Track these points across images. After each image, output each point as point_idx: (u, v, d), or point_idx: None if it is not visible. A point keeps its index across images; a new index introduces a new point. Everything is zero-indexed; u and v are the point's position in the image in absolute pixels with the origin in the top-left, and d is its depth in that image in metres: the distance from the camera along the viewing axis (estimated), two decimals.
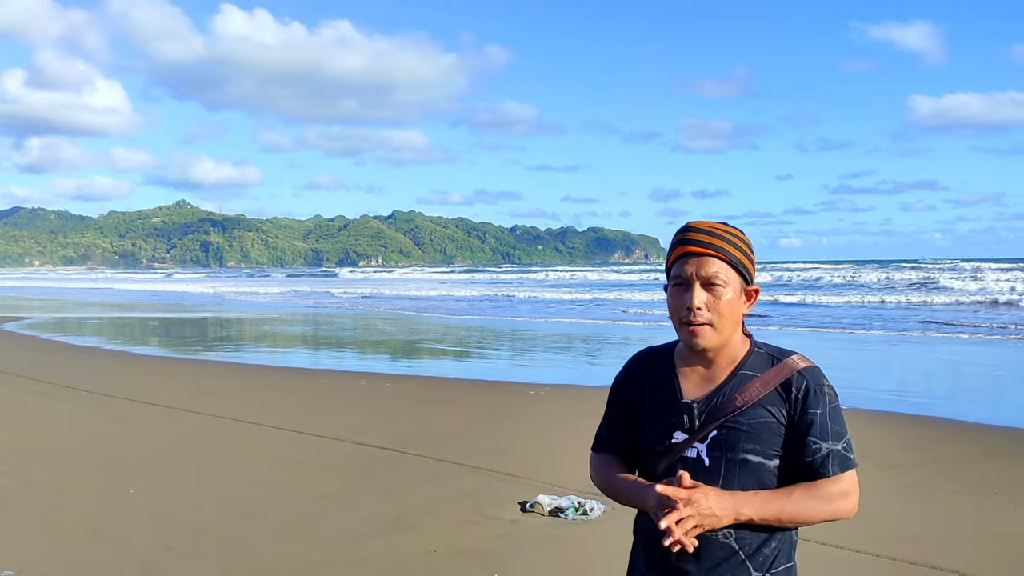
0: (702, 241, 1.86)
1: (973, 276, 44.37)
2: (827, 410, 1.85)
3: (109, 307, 36.88)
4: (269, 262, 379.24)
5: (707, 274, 1.85)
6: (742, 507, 1.78)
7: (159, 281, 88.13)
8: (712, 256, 1.85)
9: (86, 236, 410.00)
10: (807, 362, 1.88)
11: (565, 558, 4.98)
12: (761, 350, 1.93)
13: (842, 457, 1.86)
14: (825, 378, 1.88)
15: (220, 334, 23.76)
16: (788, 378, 1.85)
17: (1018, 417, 9.36)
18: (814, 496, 1.83)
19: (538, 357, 17.00)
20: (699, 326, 1.86)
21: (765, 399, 1.85)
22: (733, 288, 1.86)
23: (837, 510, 1.85)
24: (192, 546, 5.11)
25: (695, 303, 1.84)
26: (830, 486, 1.84)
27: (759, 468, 1.84)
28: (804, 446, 1.84)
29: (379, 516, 5.68)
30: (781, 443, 1.85)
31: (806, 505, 1.82)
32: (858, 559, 4.84)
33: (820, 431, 1.84)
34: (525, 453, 7.51)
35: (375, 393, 11.20)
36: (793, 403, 1.85)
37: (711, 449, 1.85)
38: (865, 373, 13.67)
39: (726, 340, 1.89)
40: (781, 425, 1.85)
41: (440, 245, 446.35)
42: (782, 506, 1.81)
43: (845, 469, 1.86)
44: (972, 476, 6.78)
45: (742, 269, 1.87)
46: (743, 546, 1.83)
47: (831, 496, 1.84)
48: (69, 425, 8.93)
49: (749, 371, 1.88)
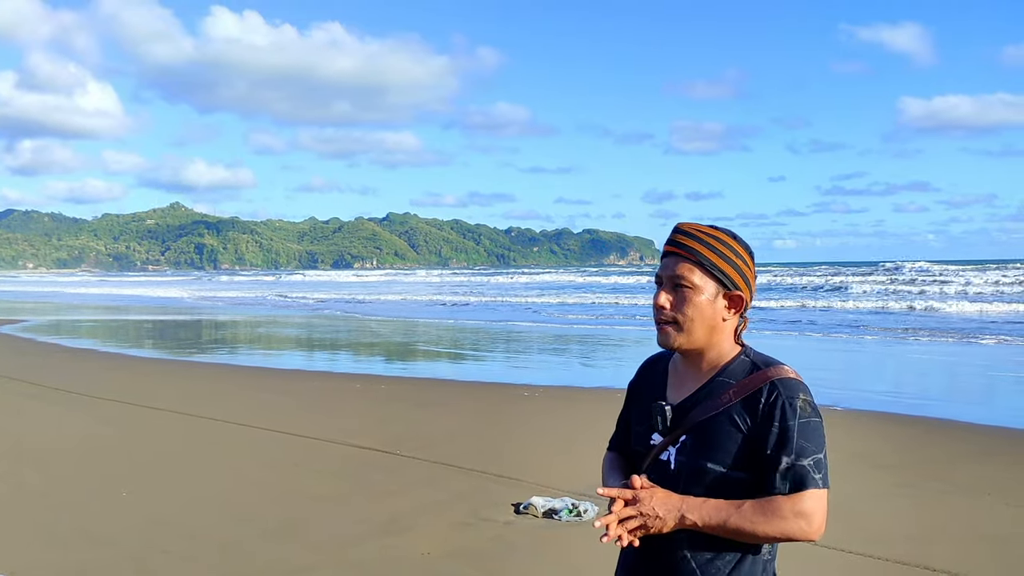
0: (679, 242, 1.87)
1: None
2: (796, 423, 1.75)
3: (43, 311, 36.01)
4: (263, 264, 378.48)
5: (673, 275, 1.86)
6: (687, 511, 1.75)
7: (119, 284, 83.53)
8: (683, 258, 1.85)
9: (80, 239, 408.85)
10: (788, 374, 1.80)
11: (559, 560, 4.98)
12: (747, 358, 1.87)
13: (802, 475, 1.73)
14: (804, 392, 1.78)
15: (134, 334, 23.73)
16: (760, 387, 1.78)
17: (1011, 418, 9.40)
18: (764, 512, 1.73)
19: (532, 359, 17.01)
20: (662, 324, 1.87)
21: (734, 407, 1.79)
22: (706, 292, 1.83)
23: (789, 530, 1.73)
24: (186, 549, 5.10)
25: (658, 301, 1.87)
26: (784, 503, 1.72)
27: (720, 478, 1.78)
28: (762, 459, 1.75)
29: (373, 518, 5.68)
30: (744, 455, 1.77)
31: (753, 520, 1.72)
32: (850, 560, 4.85)
33: (782, 444, 1.74)
34: (519, 455, 7.52)
35: (369, 395, 11.20)
36: (760, 413, 1.77)
37: (679, 454, 1.84)
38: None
39: (697, 342, 1.86)
40: (742, 435, 1.78)
41: (435, 247, 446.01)
42: (728, 516, 1.74)
43: (804, 488, 1.72)
44: (964, 477, 6.81)
45: (717, 273, 1.84)
46: (701, 565, 1.80)
47: (783, 514, 1.72)
48: (61, 428, 8.91)
49: (726, 378, 1.84)
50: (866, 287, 40.55)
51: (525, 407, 10.14)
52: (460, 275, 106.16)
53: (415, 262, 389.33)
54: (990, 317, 25.61)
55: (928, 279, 44.00)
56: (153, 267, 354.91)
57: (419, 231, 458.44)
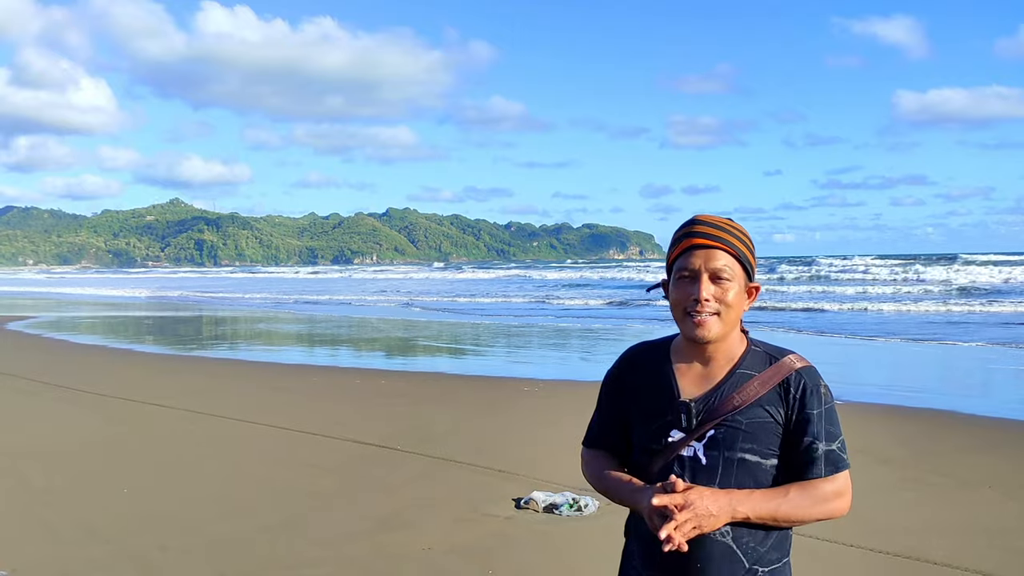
0: (710, 234, 1.87)
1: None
2: (823, 410, 1.87)
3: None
4: (263, 260, 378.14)
5: (715, 267, 1.86)
6: (738, 505, 1.79)
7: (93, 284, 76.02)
8: (719, 249, 1.86)
9: (80, 235, 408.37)
10: (804, 362, 1.89)
11: (560, 554, 4.98)
12: (758, 348, 1.93)
13: (837, 457, 1.87)
14: (821, 379, 1.90)
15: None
16: (786, 377, 1.87)
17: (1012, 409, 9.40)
18: (809, 496, 1.84)
19: (533, 353, 17.00)
20: (706, 317, 1.86)
21: (763, 398, 1.86)
22: (738, 282, 1.88)
23: (831, 510, 1.87)
24: (186, 545, 5.10)
25: (703, 295, 1.84)
26: (825, 486, 1.85)
27: (756, 467, 1.85)
28: (800, 446, 1.86)
29: (373, 514, 5.68)
30: (778, 443, 1.87)
31: (801, 504, 1.83)
32: (851, 553, 4.85)
33: (816, 431, 1.86)
34: (519, 450, 7.52)
35: (369, 390, 11.20)
36: (791, 403, 1.86)
37: (708, 448, 1.85)
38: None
39: (728, 334, 1.90)
40: (778, 425, 1.86)
41: (435, 242, 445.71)
42: (777, 505, 1.81)
43: (840, 469, 1.87)
44: (965, 470, 6.81)
45: (747, 264, 1.89)
46: (740, 544, 1.83)
47: (826, 496, 1.85)
48: (61, 425, 8.91)
49: (747, 370, 1.89)
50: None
51: (526, 401, 10.14)
52: (465, 272, 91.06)
53: (415, 257, 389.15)
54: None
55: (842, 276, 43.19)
56: (153, 263, 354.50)
57: (419, 226, 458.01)
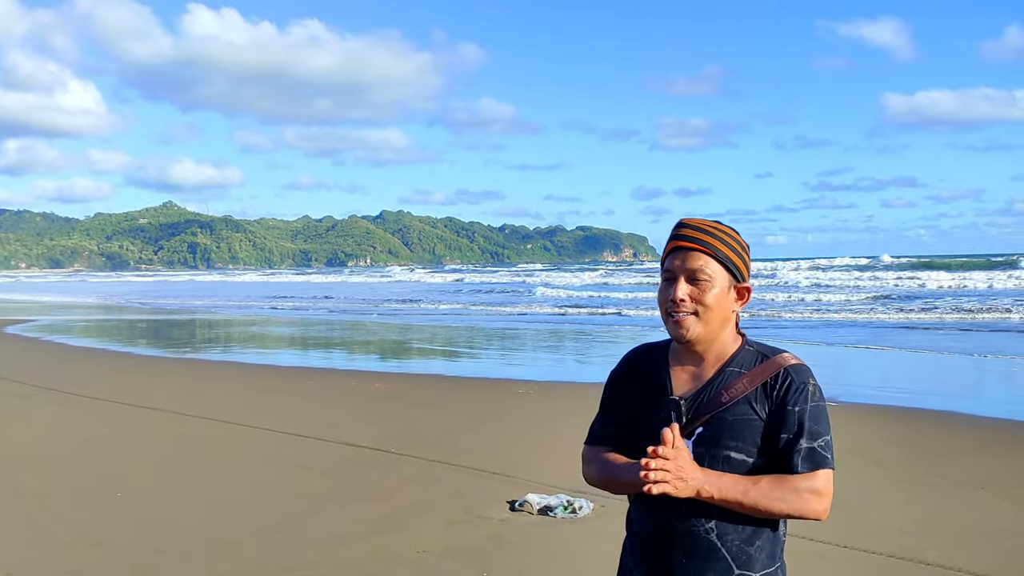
0: (691, 236, 1.92)
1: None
2: (807, 407, 1.87)
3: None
4: (257, 263, 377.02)
5: (691, 268, 1.91)
6: (706, 482, 1.81)
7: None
8: (698, 251, 1.91)
9: (72, 238, 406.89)
10: (795, 360, 1.91)
11: (554, 557, 4.99)
12: (752, 348, 1.96)
13: (817, 455, 1.86)
14: (812, 377, 1.91)
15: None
16: (774, 375, 1.88)
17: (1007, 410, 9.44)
18: (780, 487, 1.82)
19: (526, 356, 17.01)
20: (683, 317, 1.90)
21: (750, 395, 1.88)
22: (720, 284, 1.91)
23: (804, 507, 1.83)
24: (181, 547, 5.09)
25: (678, 295, 1.90)
26: (800, 481, 1.84)
27: (741, 465, 1.86)
28: (778, 441, 1.86)
29: (367, 516, 5.68)
30: (761, 440, 1.87)
31: (771, 495, 1.82)
32: (844, 554, 4.87)
33: (796, 427, 1.85)
34: (514, 452, 7.52)
35: (364, 393, 11.19)
36: (773, 399, 1.87)
37: (697, 445, 1.88)
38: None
39: (712, 333, 1.92)
40: (761, 422, 1.87)
41: (429, 245, 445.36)
42: (745, 490, 1.81)
43: (818, 467, 1.85)
44: (959, 471, 6.83)
45: (730, 266, 1.92)
46: (724, 541, 1.85)
47: (799, 491, 1.83)
48: (54, 428, 8.88)
49: (736, 367, 1.92)
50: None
51: (520, 404, 10.14)
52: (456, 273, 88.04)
53: (409, 260, 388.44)
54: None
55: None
56: (146, 266, 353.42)
57: (413, 229, 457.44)
